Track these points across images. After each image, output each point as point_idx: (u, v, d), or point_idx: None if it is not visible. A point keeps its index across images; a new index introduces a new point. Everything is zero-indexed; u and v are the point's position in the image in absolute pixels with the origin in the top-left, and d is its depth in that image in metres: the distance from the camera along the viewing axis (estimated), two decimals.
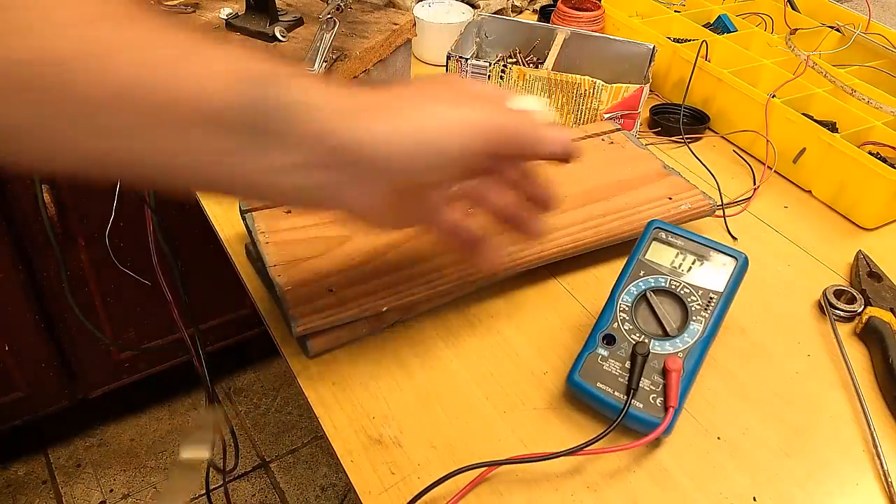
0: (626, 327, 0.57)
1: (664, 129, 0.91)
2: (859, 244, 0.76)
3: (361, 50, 0.83)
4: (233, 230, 0.73)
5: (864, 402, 0.59)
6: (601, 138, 0.82)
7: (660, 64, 0.97)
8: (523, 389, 0.59)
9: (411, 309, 0.63)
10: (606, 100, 0.85)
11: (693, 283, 0.59)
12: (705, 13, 1.08)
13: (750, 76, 0.91)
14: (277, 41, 0.83)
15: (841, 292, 0.68)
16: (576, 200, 0.72)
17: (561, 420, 0.56)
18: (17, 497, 1.56)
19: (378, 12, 0.92)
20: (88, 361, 1.46)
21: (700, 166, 0.86)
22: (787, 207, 0.82)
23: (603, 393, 0.55)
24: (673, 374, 0.54)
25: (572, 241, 0.68)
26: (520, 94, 0.76)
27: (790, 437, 0.57)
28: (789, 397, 0.60)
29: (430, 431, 0.55)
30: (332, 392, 0.58)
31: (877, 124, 0.83)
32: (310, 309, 0.58)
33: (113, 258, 1.27)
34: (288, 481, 1.63)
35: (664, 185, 0.75)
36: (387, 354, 0.61)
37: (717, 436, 0.56)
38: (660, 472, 0.53)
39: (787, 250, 0.76)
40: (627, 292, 0.59)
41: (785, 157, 0.85)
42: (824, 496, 0.53)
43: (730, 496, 0.52)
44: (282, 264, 0.61)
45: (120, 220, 1.26)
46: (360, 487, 0.51)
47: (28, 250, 1.27)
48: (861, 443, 0.57)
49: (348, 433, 0.55)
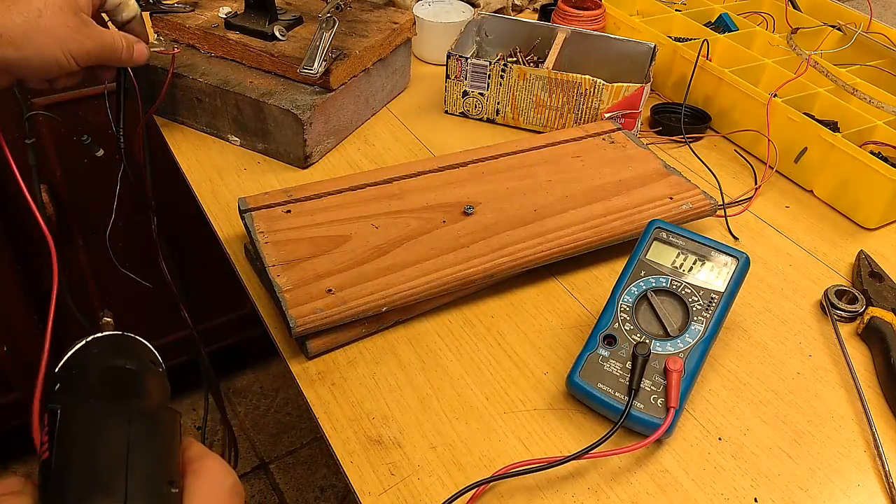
0: (627, 327, 0.57)
1: (665, 128, 0.91)
2: (861, 244, 0.76)
3: (361, 49, 0.83)
4: (232, 230, 0.72)
5: (866, 402, 0.59)
6: (602, 138, 0.81)
7: (661, 63, 0.96)
8: (523, 390, 0.59)
9: (411, 309, 0.63)
10: (607, 99, 0.84)
11: (694, 283, 0.59)
12: (706, 12, 1.07)
13: (751, 75, 0.91)
14: (277, 40, 0.83)
15: (842, 292, 0.68)
16: (576, 200, 0.72)
17: (561, 421, 0.56)
18: None
19: (378, 11, 0.91)
20: None
21: (701, 166, 0.86)
22: (788, 207, 0.82)
23: (603, 393, 0.54)
24: (674, 374, 0.54)
25: (572, 241, 0.67)
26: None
27: (791, 438, 0.56)
28: (790, 398, 0.60)
29: (430, 432, 0.55)
30: (331, 393, 0.57)
31: (878, 124, 0.82)
32: (309, 309, 0.58)
33: (113, 259, 1.27)
34: (287, 482, 1.63)
35: (665, 185, 0.75)
36: (387, 354, 0.61)
37: (718, 436, 0.56)
38: (661, 473, 0.53)
39: (789, 250, 0.75)
40: (628, 292, 0.59)
41: (786, 156, 0.85)
42: (826, 497, 0.53)
43: (731, 497, 0.52)
44: (281, 264, 0.61)
45: (120, 220, 1.26)
46: (359, 488, 0.51)
47: (27, 251, 1.27)
48: (862, 443, 0.56)
49: (348, 434, 0.54)
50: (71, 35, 0.61)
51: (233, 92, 0.80)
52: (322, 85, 0.80)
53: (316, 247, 0.63)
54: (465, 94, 0.90)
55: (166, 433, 0.38)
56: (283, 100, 0.78)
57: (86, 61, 0.64)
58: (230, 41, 0.83)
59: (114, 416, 0.36)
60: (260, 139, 0.82)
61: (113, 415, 0.36)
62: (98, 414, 0.36)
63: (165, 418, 0.38)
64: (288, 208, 0.67)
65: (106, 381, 0.39)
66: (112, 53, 0.66)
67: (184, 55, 0.85)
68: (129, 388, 0.39)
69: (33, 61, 0.60)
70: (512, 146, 0.78)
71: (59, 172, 1.20)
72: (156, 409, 0.38)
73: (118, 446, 0.35)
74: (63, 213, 1.25)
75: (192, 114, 0.85)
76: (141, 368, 0.40)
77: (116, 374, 0.39)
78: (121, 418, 0.36)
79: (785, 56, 0.95)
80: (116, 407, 0.37)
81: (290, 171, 0.81)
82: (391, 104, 0.94)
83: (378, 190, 0.71)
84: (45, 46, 0.60)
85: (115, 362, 0.40)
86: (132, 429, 0.36)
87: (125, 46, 0.68)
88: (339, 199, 0.69)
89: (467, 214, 0.69)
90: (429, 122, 0.91)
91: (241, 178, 0.80)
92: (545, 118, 0.89)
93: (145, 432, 0.36)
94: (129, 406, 0.37)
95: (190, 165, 0.81)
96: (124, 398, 0.38)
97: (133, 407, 0.37)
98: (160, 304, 1.07)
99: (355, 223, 0.66)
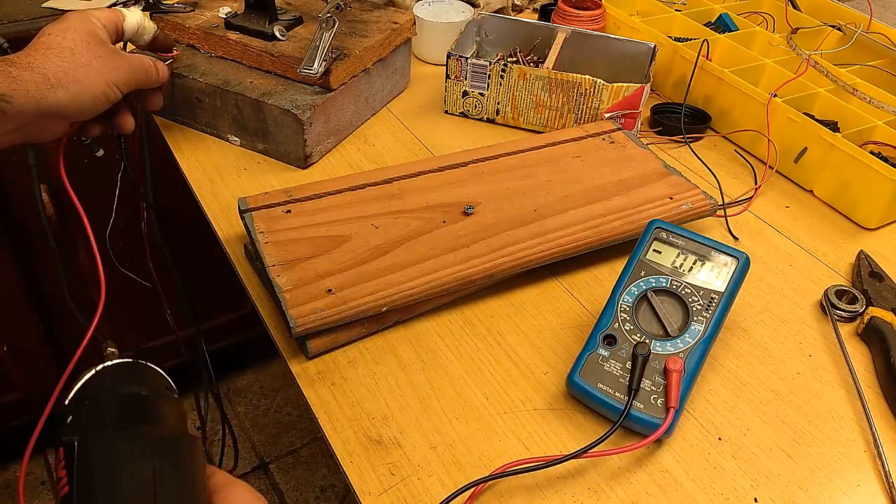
0: (627, 327, 0.57)
1: (665, 128, 0.91)
2: (861, 244, 0.76)
3: (361, 49, 0.83)
4: (232, 230, 0.72)
5: (866, 402, 0.59)
6: (602, 138, 0.81)
7: (661, 63, 0.96)
8: (523, 390, 0.58)
9: (411, 309, 0.63)
10: (607, 99, 0.84)
11: (694, 283, 0.59)
12: (706, 12, 1.07)
13: (751, 75, 0.91)
14: (277, 40, 0.83)
15: (842, 292, 0.68)
16: (576, 200, 0.72)
17: (561, 421, 0.56)
18: (16, 497, 1.56)
19: (378, 11, 0.91)
20: (87, 362, 1.46)
21: (701, 166, 0.86)
22: (788, 207, 0.82)
23: (603, 393, 0.54)
24: (674, 374, 0.54)
25: (572, 241, 0.67)
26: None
27: (791, 438, 0.56)
28: (790, 398, 0.60)
29: (430, 432, 0.55)
30: (331, 393, 0.57)
31: (878, 124, 0.82)
32: (309, 309, 0.58)
33: (113, 259, 1.27)
34: (287, 482, 1.63)
35: (665, 185, 0.75)
36: (387, 354, 0.61)
37: (718, 436, 0.56)
38: (660, 473, 0.53)
39: (789, 250, 0.75)
40: (628, 292, 0.59)
41: (786, 156, 0.85)
42: (826, 497, 0.53)
43: (731, 497, 0.52)
44: (281, 264, 0.61)
45: (119, 220, 1.26)
46: (359, 488, 0.51)
47: (27, 250, 1.26)
48: (862, 443, 0.56)
49: (348, 434, 0.54)
50: (106, 63, 0.64)
51: (233, 92, 0.80)
52: (322, 85, 0.80)
53: (316, 247, 0.63)
54: (465, 94, 0.90)
55: (191, 462, 0.36)
56: (283, 100, 0.78)
57: (126, 87, 0.66)
58: (230, 41, 0.83)
59: (135, 446, 0.34)
60: (260, 139, 0.82)
61: (134, 445, 0.34)
62: (118, 444, 0.34)
63: (187, 446, 0.36)
64: (288, 208, 0.67)
65: (121, 410, 0.37)
66: (146, 75, 0.69)
67: (184, 55, 0.85)
68: (146, 416, 0.37)
69: (83, 99, 0.62)
70: (512, 146, 0.78)
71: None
72: (176, 437, 0.36)
73: (143, 478, 0.33)
74: (63, 213, 1.24)
75: (192, 114, 0.85)
76: (155, 395, 0.39)
77: (132, 402, 0.38)
78: (143, 448, 0.34)
79: (785, 56, 0.95)
80: (136, 436, 0.35)
81: (290, 171, 0.81)
82: (391, 104, 0.94)
83: (378, 190, 0.71)
84: (88, 80, 0.62)
85: (129, 389, 0.38)
86: (156, 459, 0.34)
87: (154, 66, 0.70)
88: (339, 199, 0.69)
89: (467, 214, 0.69)
90: (429, 122, 0.91)
91: (241, 178, 0.80)
92: (545, 118, 0.89)
93: (170, 462, 0.34)
94: (148, 435, 0.35)
95: (190, 165, 0.81)
96: (142, 426, 0.36)
97: (153, 435, 0.35)
98: (159, 304, 1.07)
99: (355, 223, 0.66)
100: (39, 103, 0.59)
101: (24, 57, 0.60)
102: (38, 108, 0.59)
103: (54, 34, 0.63)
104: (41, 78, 0.59)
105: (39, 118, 0.60)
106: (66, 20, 0.64)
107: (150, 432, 0.36)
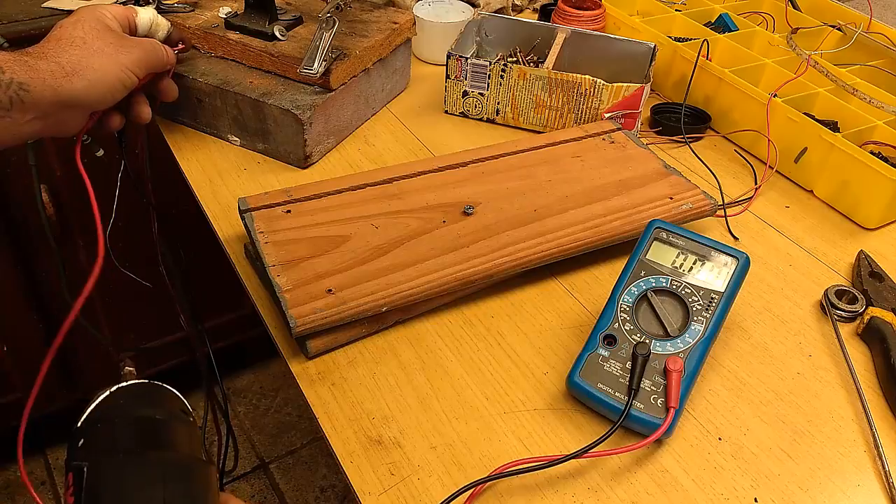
0: (627, 327, 0.57)
1: (665, 128, 0.91)
2: (861, 244, 0.76)
3: (361, 49, 0.83)
4: (232, 230, 0.72)
5: (866, 402, 0.59)
6: (602, 138, 0.81)
7: (661, 63, 0.96)
8: (523, 390, 0.58)
9: (411, 309, 0.63)
10: (607, 99, 0.84)
11: (694, 283, 0.59)
12: (706, 12, 1.07)
13: (751, 75, 0.91)
14: (277, 40, 0.83)
15: (842, 292, 0.68)
16: (576, 200, 0.72)
17: (561, 421, 0.56)
18: (16, 498, 1.56)
19: (378, 11, 0.91)
20: (87, 362, 1.46)
21: (701, 166, 0.86)
22: (788, 207, 0.82)
23: (603, 393, 0.54)
24: (674, 374, 0.54)
25: (572, 241, 0.67)
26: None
27: (791, 438, 0.56)
28: (790, 398, 0.60)
29: (430, 432, 0.55)
30: (331, 393, 0.57)
31: (878, 124, 0.82)
32: (309, 309, 0.58)
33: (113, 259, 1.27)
34: (287, 482, 1.63)
35: (665, 185, 0.75)
36: (387, 354, 0.61)
37: (718, 436, 0.56)
38: (660, 473, 0.53)
39: (789, 250, 0.75)
40: (628, 292, 0.59)
41: (786, 156, 0.85)
42: (826, 497, 0.53)
43: (731, 497, 0.52)
44: (281, 264, 0.61)
45: (120, 220, 1.26)
46: (359, 488, 0.51)
47: (27, 250, 1.26)
48: (862, 443, 0.56)
49: (348, 434, 0.54)
50: (118, 49, 0.65)
51: (233, 92, 0.80)
52: (322, 85, 0.80)
53: (316, 247, 0.63)
54: (465, 94, 0.90)
55: (203, 488, 0.35)
56: (283, 100, 0.78)
57: (140, 70, 0.67)
58: (230, 41, 0.83)
59: (146, 472, 0.34)
60: (260, 139, 0.82)
61: (145, 471, 0.34)
62: (128, 470, 0.33)
63: (200, 472, 0.35)
64: (288, 208, 0.67)
65: (134, 434, 0.36)
66: (158, 57, 0.70)
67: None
68: (159, 441, 0.36)
69: (101, 86, 0.63)
70: (512, 146, 0.78)
71: (59, 172, 1.20)
72: (189, 463, 0.36)
73: None
74: (63, 213, 1.24)
75: (192, 114, 0.85)
76: (170, 418, 0.38)
77: (145, 426, 0.37)
78: (154, 475, 0.34)
79: (785, 56, 0.95)
80: (147, 462, 0.34)
81: (290, 171, 0.81)
82: (391, 104, 0.94)
83: (378, 190, 0.71)
84: (102, 67, 0.63)
85: (143, 412, 0.37)
86: (167, 486, 0.33)
87: (163, 48, 0.71)
88: (339, 199, 0.69)
89: (467, 214, 0.69)
90: (429, 122, 0.91)
91: (241, 178, 0.80)
92: (545, 118, 0.89)
93: (182, 489, 0.34)
94: (160, 460, 0.35)
95: (190, 166, 0.81)
96: (154, 452, 0.35)
97: (165, 461, 0.35)
98: (160, 304, 1.07)
99: (355, 223, 0.66)
100: (57, 91, 0.59)
101: (38, 48, 0.61)
102: (56, 96, 0.60)
103: (66, 26, 0.64)
104: (56, 67, 0.60)
105: (58, 108, 0.61)
106: (77, 13, 0.66)
107: (162, 458, 0.35)
